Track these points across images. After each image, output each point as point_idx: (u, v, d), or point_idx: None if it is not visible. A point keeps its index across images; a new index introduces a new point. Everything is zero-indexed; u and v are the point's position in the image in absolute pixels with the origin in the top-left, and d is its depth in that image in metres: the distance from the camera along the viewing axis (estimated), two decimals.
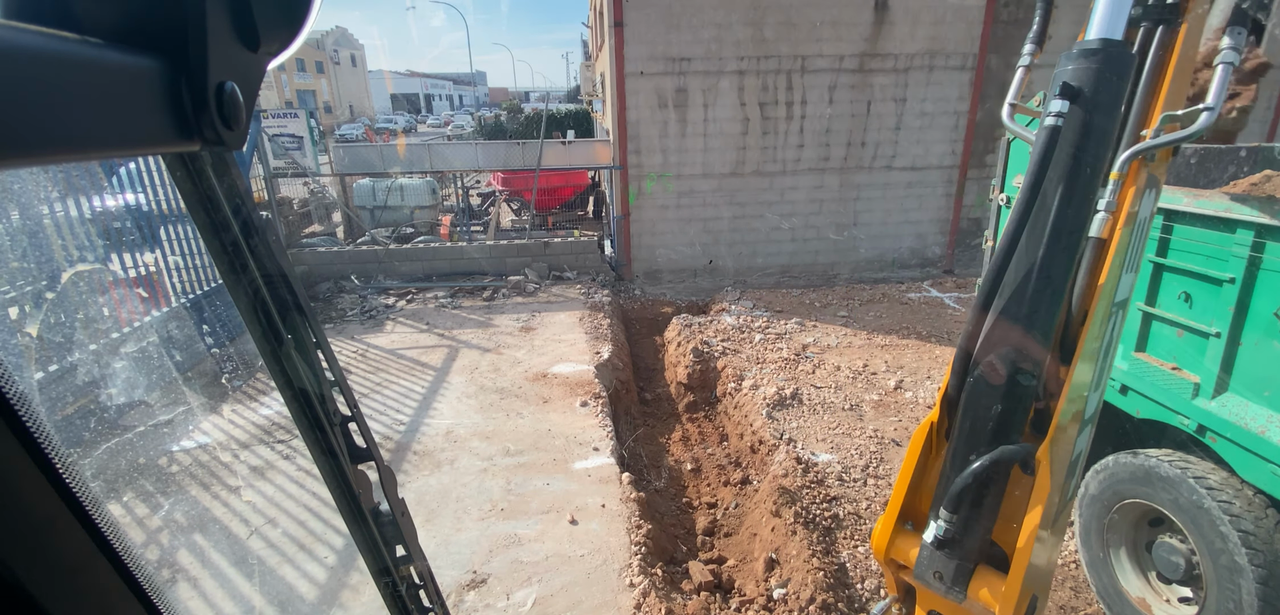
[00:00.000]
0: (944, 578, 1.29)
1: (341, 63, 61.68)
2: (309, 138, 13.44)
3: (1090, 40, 1.30)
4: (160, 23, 0.51)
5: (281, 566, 4.25)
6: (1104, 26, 1.29)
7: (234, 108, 0.56)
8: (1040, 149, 1.22)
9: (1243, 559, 3.02)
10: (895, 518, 1.38)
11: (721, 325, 8.89)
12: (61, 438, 0.53)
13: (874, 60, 10.25)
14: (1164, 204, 3.25)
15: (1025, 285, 1.19)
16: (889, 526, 1.36)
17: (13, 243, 5.47)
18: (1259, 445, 2.91)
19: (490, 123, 33.30)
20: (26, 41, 0.41)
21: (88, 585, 0.51)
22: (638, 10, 9.59)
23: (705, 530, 5.07)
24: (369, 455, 1.02)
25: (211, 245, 0.76)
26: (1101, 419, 3.98)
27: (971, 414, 1.27)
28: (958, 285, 10.69)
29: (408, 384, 6.89)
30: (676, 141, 10.37)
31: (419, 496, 4.94)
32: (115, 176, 6.68)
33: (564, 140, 13.40)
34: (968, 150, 10.96)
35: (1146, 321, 3.45)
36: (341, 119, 55.17)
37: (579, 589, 4.02)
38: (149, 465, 5.35)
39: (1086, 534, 3.93)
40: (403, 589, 1.13)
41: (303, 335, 0.89)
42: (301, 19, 0.63)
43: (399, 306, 9.35)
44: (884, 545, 1.36)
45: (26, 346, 5.27)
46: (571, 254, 10.84)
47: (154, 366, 6.36)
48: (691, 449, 6.38)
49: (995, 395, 1.22)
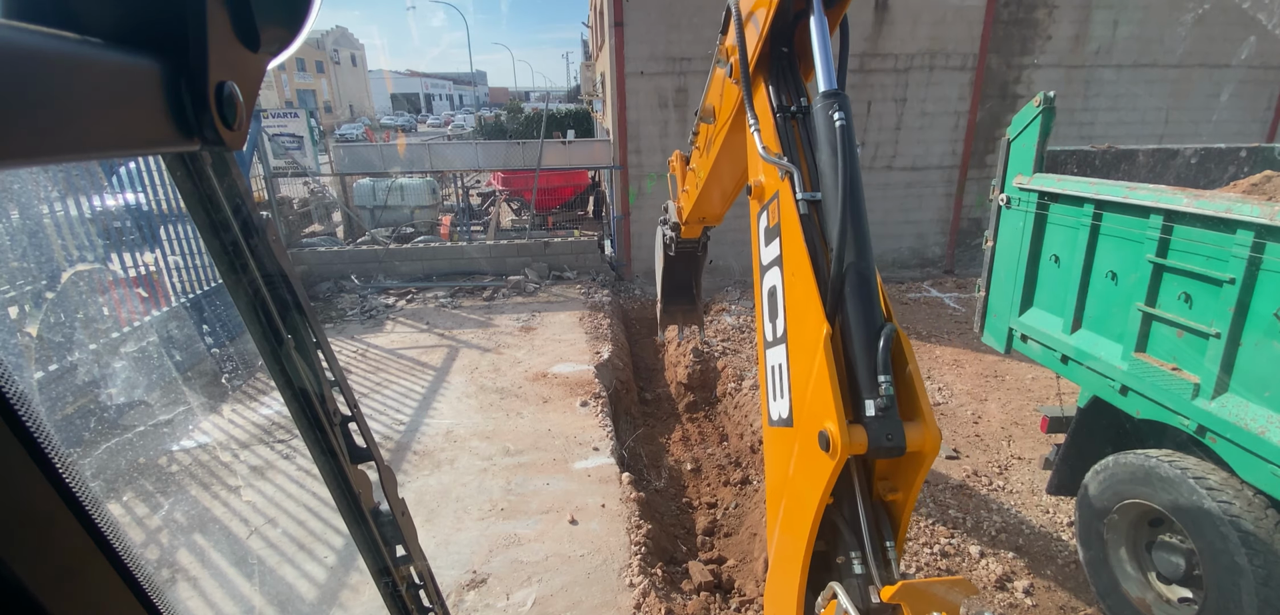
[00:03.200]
0: (893, 437, 1.53)
1: (341, 62, 61.69)
2: (309, 137, 13.44)
3: (830, 90, 1.79)
4: (160, 23, 0.51)
5: (281, 566, 4.25)
6: (828, 82, 1.80)
7: (234, 108, 0.56)
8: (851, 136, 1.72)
9: (1243, 559, 3.02)
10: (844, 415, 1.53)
11: (722, 325, 8.89)
12: (61, 437, 0.53)
13: (874, 60, 10.25)
14: (1164, 204, 3.26)
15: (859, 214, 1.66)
16: (843, 422, 1.51)
17: (13, 243, 5.47)
18: (1259, 446, 2.90)
19: (490, 123, 33.29)
20: (26, 41, 0.41)
21: (87, 585, 0.51)
22: (638, 10, 9.59)
23: (705, 530, 5.07)
24: (369, 455, 1.02)
25: (211, 245, 0.76)
26: (1101, 419, 3.99)
27: (859, 306, 1.63)
28: (958, 285, 10.68)
29: (408, 384, 6.89)
30: (676, 141, 10.37)
31: (419, 496, 4.94)
32: (115, 176, 6.68)
33: (564, 140, 13.40)
34: (968, 150, 10.96)
35: (1146, 322, 3.45)
36: (342, 119, 55.17)
37: (579, 589, 4.02)
38: (149, 465, 5.35)
39: (1086, 534, 3.93)
40: (403, 589, 1.13)
41: (303, 335, 0.89)
42: (301, 19, 0.63)
43: (399, 306, 9.35)
44: (845, 441, 1.50)
45: (26, 346, 5.27)
46: (571, 254, 10.84)
47: (154, 366, 6.36)
48: (691, 449, 6.38)
49: (868, 287, 1.63)
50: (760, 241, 2.01)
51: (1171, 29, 10.61)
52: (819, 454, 1.57)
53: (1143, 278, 3.42)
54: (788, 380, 1.80)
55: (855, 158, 1.71)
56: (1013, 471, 5.51)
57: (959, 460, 5.69)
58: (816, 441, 1.58)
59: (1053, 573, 4.42)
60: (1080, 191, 3.78)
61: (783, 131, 1.96)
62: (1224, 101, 11.18)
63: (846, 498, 1.71)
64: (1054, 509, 5.01)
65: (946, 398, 6.80)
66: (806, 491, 1.66)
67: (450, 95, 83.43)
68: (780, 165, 1.86)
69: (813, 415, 1.63)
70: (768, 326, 1.93)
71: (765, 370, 1.95)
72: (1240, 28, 10.68)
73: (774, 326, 1.89)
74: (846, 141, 1.70)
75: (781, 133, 1.96)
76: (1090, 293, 3.84)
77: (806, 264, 1.71)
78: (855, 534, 1.67)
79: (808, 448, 1.65)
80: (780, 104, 2.02)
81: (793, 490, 1.75)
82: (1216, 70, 10.96)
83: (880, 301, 1.66)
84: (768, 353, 1.93)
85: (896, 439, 1.53)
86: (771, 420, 1.93)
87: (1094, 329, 3.85)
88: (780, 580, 1.84)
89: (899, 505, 1.68)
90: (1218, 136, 11.07)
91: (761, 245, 1.99)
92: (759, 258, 2.01)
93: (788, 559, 1.78)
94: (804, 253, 1.72)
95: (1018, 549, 4.63)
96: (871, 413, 1.55)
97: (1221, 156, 5.10)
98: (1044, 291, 4.25)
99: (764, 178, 1.99)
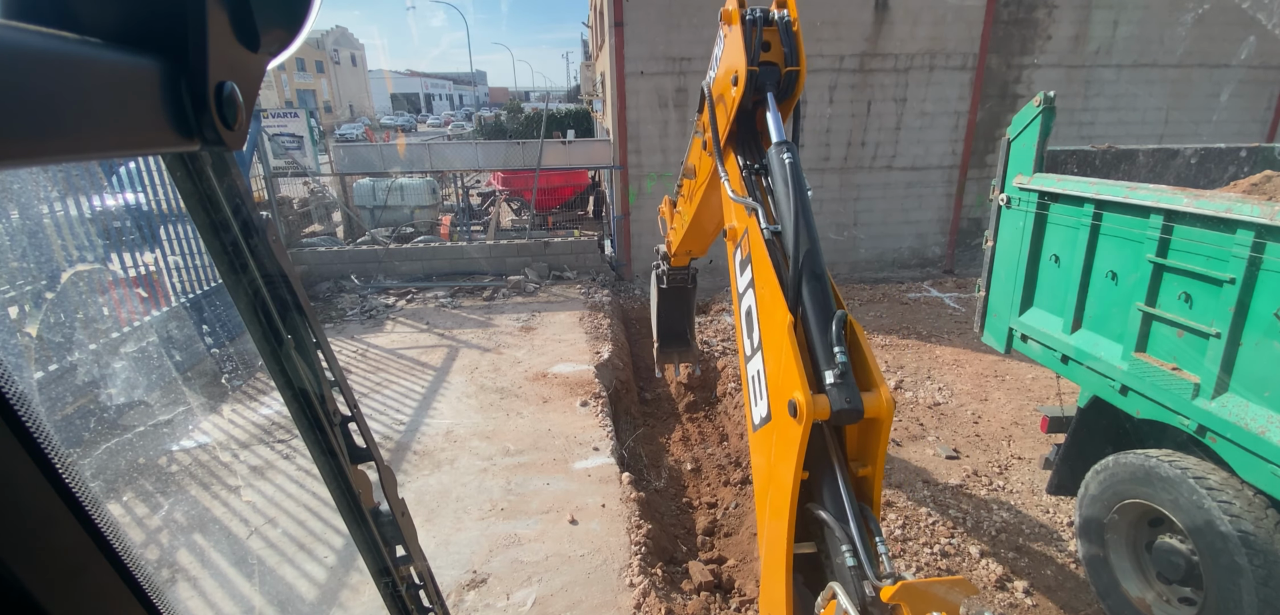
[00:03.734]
0: (852, 401, 1.73)
1: (341, 62, 61.67)
2: (309, 137, 13.44)
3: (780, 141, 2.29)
4: (160, 23, 0.51)
5: (281, 566, 4.25)
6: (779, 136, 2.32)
7: (234, 108, 0.56)
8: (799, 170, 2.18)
9: (1243, 559, 3.02)
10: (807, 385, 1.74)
11: (721, 325, 8.89)
12: (61, 438, 0.53)
13: (874, 60, 10.25)
14: (1164, 204, 3.26)
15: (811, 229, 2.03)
16: (807, 390, 1.72)
17: (13, 243, 5.48)
18: (1259, 445, 2.90)
19: (490, 123, 33.29)
20: (26, 41, 0.41)
21: (87, 585, 0.51)
22: (638, 10, 9.59)
23: (705, 530, 5.07)
24: (369, 455, 1.02)
25: (211, 245, 0.76)
26: (1101, 419, 3.99)
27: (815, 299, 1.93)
28: (958, 285, 10.68)
29: (408, 384, 6.89)
30: (676, 141, 10.37)
31: (419, 496, 4.94)
32: (115, 176, 6.67)
33: (564, 140, 13.40)
34: (968, 150, 10.96)
35: (1147, 322, 3.45)
36: (341, 119, 55.17)
37: (579, 589, 4.02)
38: (149, 465, 5.35)
39: (1086, 534, 3.93)
40: (403, 589, 1.13)
41: (303, 335, 0.89)
42: (301, 19, 0.63)
43: (399, 306, 9.35)
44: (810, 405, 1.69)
45: (26, 346, 5.27)
46: (571, 254, 10.83)
47: (154, 366, 6.36)
48: (691, 449, 6.38)
49: (822, 284, 1.96)
50: (737, 273, 2.40)
51: (1171, 29, 10.61)
52: (790, 423, 1.77)
53: (1143, 278, 3.42)
54: (765, 382, 2.03)
55: (804, 187, 2.14)
56: (1013, 471, 5.51)
57: (959, 460, 5.69)
58: (787, 412, 1.79)
59: (1053, 573, 4.42)
60: (1080, 191, 3.78)
61: (748, 182, 2.47)
62: (1224, 101, 11.18)
63: (827, 480, 1.85)
64: (1054, 509, 5.01)
65: (946, 398, 6.80)
66: (783, 468, 1.83)
67: (450, 95, 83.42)
68: (747, 204, 2.29)
69: (782, 391, 1.85)
70: (746, 342, 2.24)
71: (747, 382, 2.21)
72: (1240, 28, 10.68)
73: (751, 340, 2.19)
74: (795, 174, 2.15)
75: (747, 182, 2.47)
76: (1090, 293, 3.84)
77: (773, 274, 2.04)
78: (840, 519, 1.77)
79: (780, 422, 1.86)
80: (745, 163, 2.53)
81: (772, 472, 1.93)
82: (1216, 70, 10.96)
83: (833, 295, 1.98)
84: (748, 366, 2.21)
85: (855, 403, 1.74)
86: (754, 425, 2.14)
87: (1094, 329, 3.85)
88: (769, 568, 1.98)
89: (870, 480, 1.89)
90: (1218, 136, 11.07)
91: (737, 276, 2.38)
92: (737, 287, 2.39)
93: (774, 543, 1.92)
94: (770, 267, 2.06)
95: (1018, 549, 4.63)
96: (831, 381, 1.77)
97: (1221, 156, 5.10)
98: (1044, 291, 4.25)
99: (736, 222, 2.43)
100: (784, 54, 2.45)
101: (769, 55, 2.47)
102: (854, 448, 1.93)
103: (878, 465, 1.85)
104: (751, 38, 2.44)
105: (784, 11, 2.46)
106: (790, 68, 2.45)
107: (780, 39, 2.45)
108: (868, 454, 1.88)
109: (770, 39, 2.46)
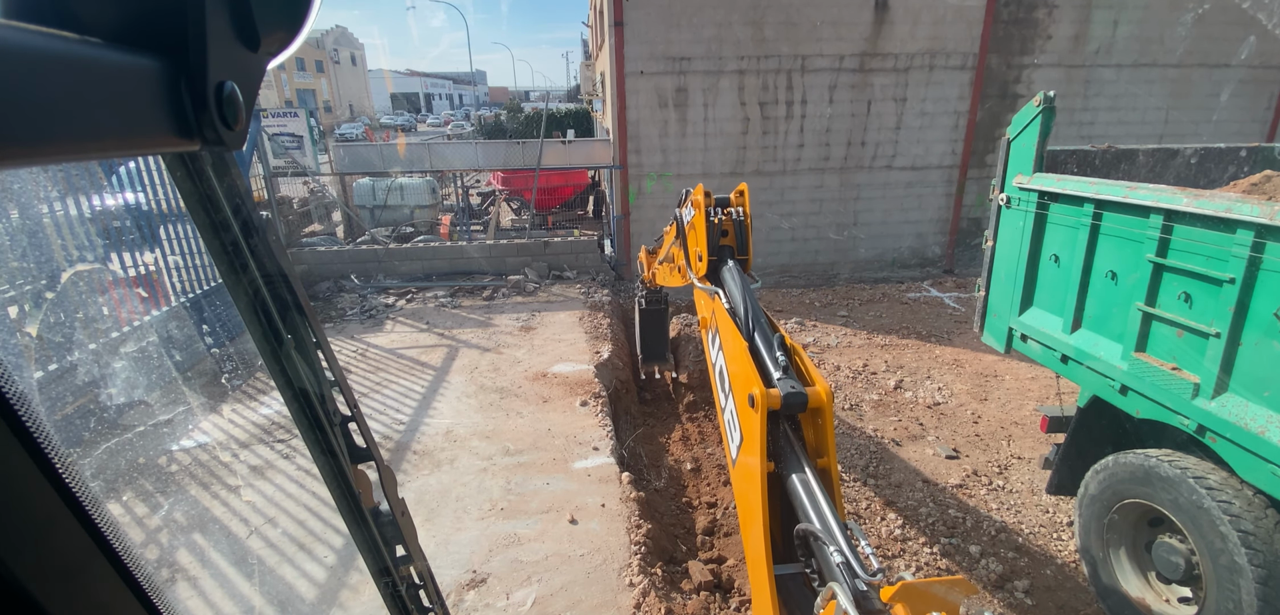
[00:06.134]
0: (796, 389, 2.15)
1: (341, 62, 61.64)
2: (309, 137, 13.43)
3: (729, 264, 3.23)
4: (160, 23, 0.51)
5: (281, 566, 4.25)
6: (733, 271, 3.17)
7: (234, 108, 0.56)
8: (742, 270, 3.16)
9: (1243, 559, 3.02)
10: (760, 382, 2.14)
11: None
12: (61, 438, 0.53)
13: (874, 60, 10.25)
14: (1164, 204, 3.27)
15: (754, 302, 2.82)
16: (760, 385, 2.12)
17: (13, 243, 5.47)
18: (1259, 445, 2.91)
19: (489, 122, 33.29)
20: (26, 41, 0.41)
21: (87, 585, 0.51)
22: (638, 10, 9.59)
23: (705, 530, 5.07)
24: (369, 455, 1.02)
25: (211, 245, 0.76)
26: (1101, 419, 3.99)
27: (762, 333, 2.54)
28: (958, 285, 10.69)
29: (407, 383, 6.89)
30: (676, 141, 10.37)
31: (419, 496, 4.94)
32: (115, 176, 6.67)
33: (564, 140, 13.40)
34: (968, 150, 10.96)
35: (1146, 321, 3.45)
36: (341, 118, 55.15)
37: (579, 588, 4.03)
38: (149, 465, 5.35)
39: (1086, 534, 3.93)
40: (403, 589, 1.13)
41: (303, 335, 0.89)
42: (301, 19, 0.63)
43: (399, 306, 9.35)
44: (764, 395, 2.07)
45: (26, 346, 5.27)
46: (571, 254, 10.83)
47: (154, 366, 6.36)
48: (691, 449, 6.38)
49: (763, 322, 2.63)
50: (710, 347, 2.93)
51: (1171, 29, 10.61)
52: (751, 414, 2.15)
53: (1143, 277, 3.42)
54: (738, 419, 2.37)
55: (746, 281, 2.98)
56: (1012, 471, 5.51)
57: (959, 460, 5.69)
58: (748, 405, 2.17)
59: (1053, 573, 4.42)
60: (1080, 191, 3.78)
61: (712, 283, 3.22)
62: (1224, 101, 11.18)
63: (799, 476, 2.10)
64: (1054, 509, 5.01)
65: (946, 397, 6.80)
66: (751, 457, 2.15)
67: (450, 95, 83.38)
68: (709, 290, 3.01)
69: (743, 390, 2.25)
70: (721, 394, 2.69)
71: (724, 428, 2.60)
72: (1240, 27, 10.68)
73: (724, 391, 2.63)
74: (739, 273, 3.05)
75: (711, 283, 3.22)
76: (1090, 292, 3.84)
77: (731, 322, 2.64)
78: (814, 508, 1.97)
79: (743, 419, 2.25)
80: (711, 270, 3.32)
81: (742, 466, 2.26)
82: (1216, 70, 10.96)
83: (773, 327, 2.60)
84: (723, 412, 2.62)
85: (798, 389, 2.16)
86: (733, 460, 2.47)
87: (1094, 329, 3.85)
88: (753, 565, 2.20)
89: (829, 472, 2.17)
90: (1218, 136, 11.07)
91: (711, 349, 2.91)
92: (711, 359, 2.91)
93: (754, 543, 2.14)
94: (730, 320, 2.67)
95: (1018, 549, 4.63)
96: (777, 377, 2.27)
97: (1221, 156, 5.10)
98: (1044, 291, 4.25)
99: (706, 313, 3.08)
100: (737, 244, 3.28)
101: (727, 241, 3.27)
102: (811, 443, 2.23)
103: (831, 454, 2.16)
104: (713, 236, 3.27)
105: (739, 208, 3.29)
106: (742, 256, 3.26)
107: (734, 233, 3.28)
108: (822, 444, 2.18)
109: (728, 227, 3.28)
